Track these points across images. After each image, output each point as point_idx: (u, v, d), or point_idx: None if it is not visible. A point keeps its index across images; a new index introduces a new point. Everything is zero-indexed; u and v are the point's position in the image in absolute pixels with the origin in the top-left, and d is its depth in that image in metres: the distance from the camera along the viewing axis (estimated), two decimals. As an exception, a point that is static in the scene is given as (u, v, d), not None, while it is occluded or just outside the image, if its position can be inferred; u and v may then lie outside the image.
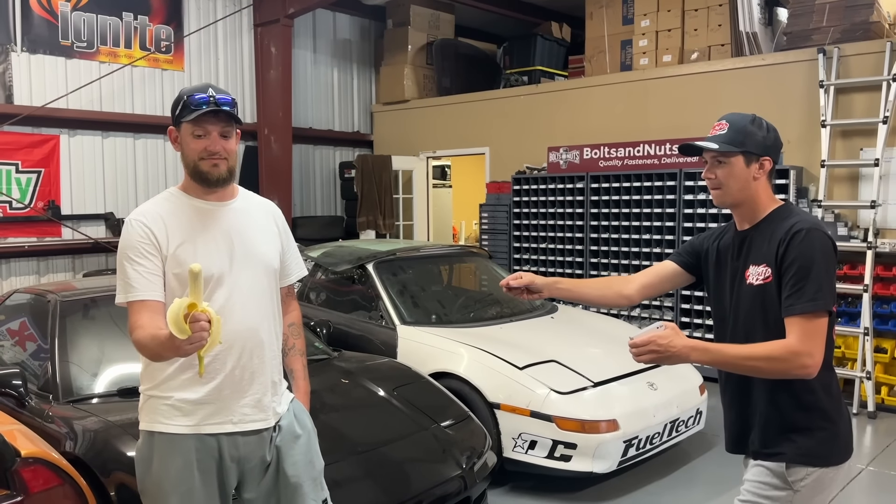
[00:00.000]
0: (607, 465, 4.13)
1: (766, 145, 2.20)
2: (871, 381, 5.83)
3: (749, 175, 2.18)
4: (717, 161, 2.20)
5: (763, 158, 2.19)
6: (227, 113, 2.20)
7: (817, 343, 2.00)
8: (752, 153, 2.17)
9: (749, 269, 2.18)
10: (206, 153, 2.21)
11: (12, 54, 7.06)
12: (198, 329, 1.83)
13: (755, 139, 2.18)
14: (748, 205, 2.22)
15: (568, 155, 7.78)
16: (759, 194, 2.21)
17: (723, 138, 2.18)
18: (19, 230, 7.19)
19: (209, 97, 2.18)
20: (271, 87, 8.70)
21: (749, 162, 2.18)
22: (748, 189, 2.19)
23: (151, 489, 2.22)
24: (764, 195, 2.22)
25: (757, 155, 2.18)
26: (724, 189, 2.20)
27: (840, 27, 6.49)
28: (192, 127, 2.19)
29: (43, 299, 4.02)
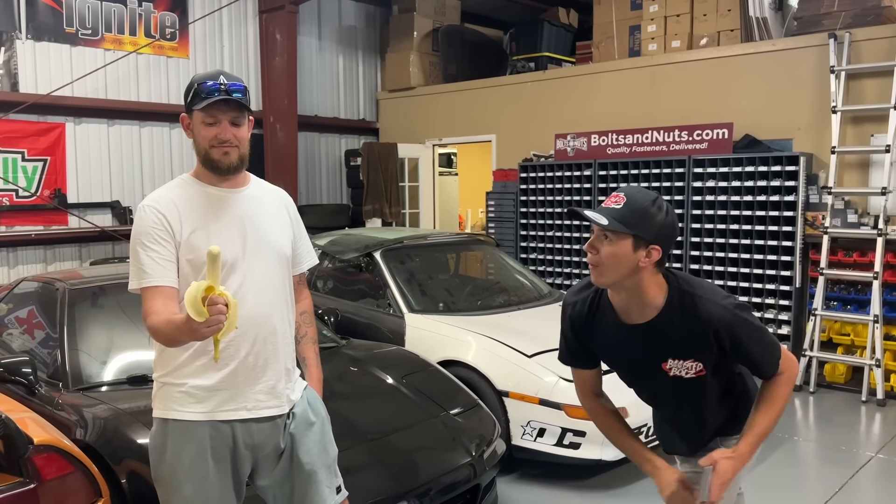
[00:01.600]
0: (616, 453, 4.11)
1: (661, 234, 2.01)
2: (881, 369, 5.81)
3: (634, 261, 1.99)
4: (604, 235, 2.01)
5: (652, 247, 1.99)
6: (237, 101, 2.18)
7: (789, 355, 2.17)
8: (641, 238, 1.98)
9: (668, 362, 2.13)
10: (217, 141, 2.20)
11: (17, 42, 7.04)
12: (215, 312, 1.83)
13: (650, 224, 1.99)
14: (632, 292, 2.06)
15: (575, 142, 7.74)
16: (643, 283, 2.03)
17: (615, 214, 1.99)
18: (26, 219, 7.19)
19: (220, 85, 2.17)
20: (276, 74, 8.66)
21: (637, 247, 1.99)
22: (631, 276, 2.02)
23: (165, 476, 2.22)
24: (650, 284, 2.05)
25: (647, 242, 1.99)
26: (602, 268, 2.02)
27: (851, 12, 6.42)
28: (202, 115, 2.19)
29: (51, 287, 4.02)
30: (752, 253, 6.53)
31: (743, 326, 2.05)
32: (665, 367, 2.13)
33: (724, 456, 2.06)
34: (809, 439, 5.18)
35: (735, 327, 2.04)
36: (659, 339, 2.10)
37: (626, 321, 2.12)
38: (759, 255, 6.49)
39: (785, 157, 6.36)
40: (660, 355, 2.13)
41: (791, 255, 6.34)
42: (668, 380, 2.15)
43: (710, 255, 6.79)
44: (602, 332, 2.19)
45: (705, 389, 2.17)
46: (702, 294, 2.05)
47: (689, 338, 2.06)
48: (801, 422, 5.65)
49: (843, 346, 6.23)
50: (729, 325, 2.03)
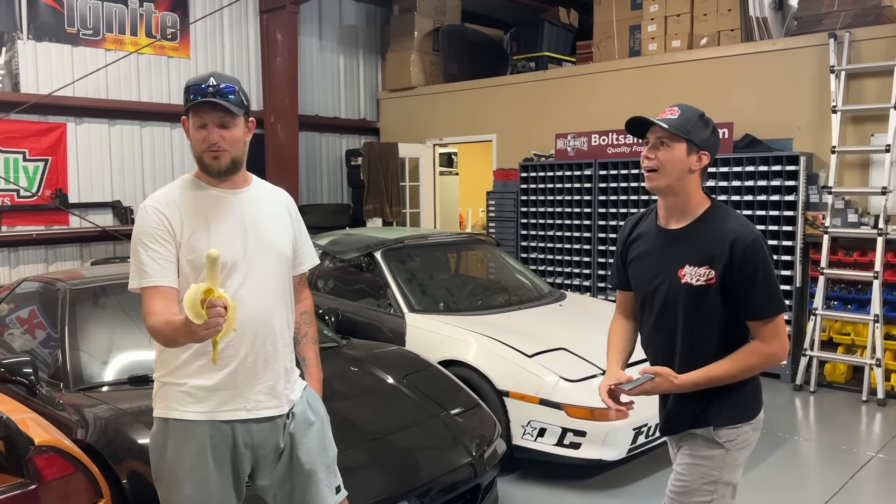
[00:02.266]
0: (617, 453, 4.13)
1: (709, 143, 2.26)
2: (881, 369, 5.81)
3: (687, 164, 2.24)
4: (661, 142, 2.25)
5: (702, 152, 2.25)
6: (222, 104, 2.16)
7: (784, 337, 2.23)
8: (694, 143, 2.23)
9: (685, 268, 2.26)
10: (206, 145, 2.20)
11: (18, 42, 7.05)
12: (214, 314, 1.83)
13: (701, 133, 2.25)
14: (680, 197, 2.28)
15: (576, 142, 7.75)
16: (691, 188, 2.27)
17: (673, 122, 2.24)
18: (27, 218, 7.20)
19: (207, 87, 2.15)
20: (277, 74, 8.66)
21: (690, 152, 2.24)
22: (683, 179, 2.25)
23: (166, 476, 2.23)
24: (696, 191, 2.29)
25: (698, 147, 2.24)
26: (661, 172, 2.26)
27: (851, 12, 6.42)
28: (194, 118, 2.19)
29: (52, 287, 4.03)
30: (752, 252, 6.52)
31: (758, 254, 2.18)
32: (681, 272, 2.26)
33: (668, 375, 2.19)
34: (810, 439, 5.19)
35: (751, 250, 2.17)
36: (686, 245, 2.27)
37: (665, 226, 2.34)
38: (760, 255, 6.47)
39: (785, 157, 6.36)
40: (681, 260, 2.27)
41: (791, 255, 6.34)
42: (679, 288, 2.26)
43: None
44: (641, 241, 2.42)
45: (707, 302, 2.22)
46: (735, 215, 2.28)
47: (710, 245, 2.21)
48: (801, 421, 5.65)
49: (844, 345, 6.23)
50: (746, 244, 2.17)
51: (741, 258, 2.16)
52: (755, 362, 2.20)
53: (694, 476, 2.29)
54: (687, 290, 2.25)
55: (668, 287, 2.29)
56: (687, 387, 2.21)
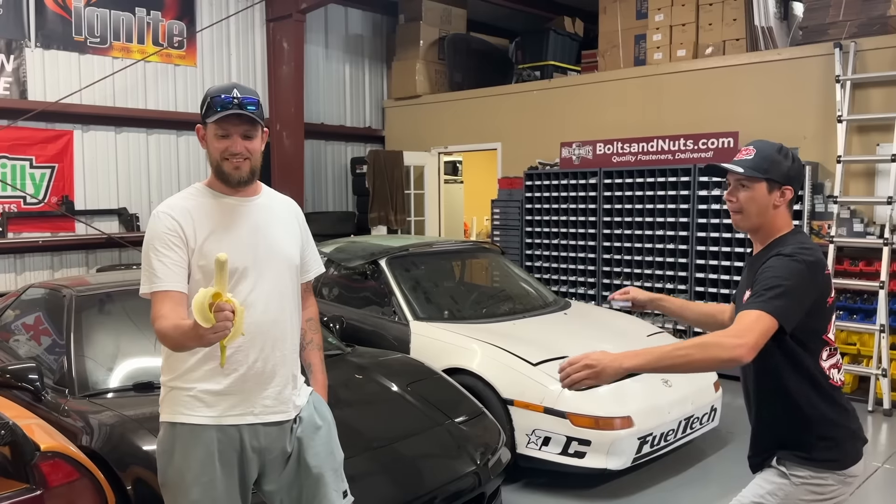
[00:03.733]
0: (621, 462, 4.12)
1: (790, 175, 2.24)
2: (887, 379, 5.79)
3: (770, 202, 2.23)
4: (741, 185, 2.24)
5: (785, 187, 2.23)
6: (249, 115, 2.21)
7: (754, 337, 1.96)
8: (775, 181, 2.22)
9: (746, 293, 2.22)
10: (229, 153, 2.24)
11: (26, 50, 7.09)
12: (222, 318, 1.85)
13: (780, 168, 2.22)
14: (765, 230, 2.27)
15: (581, 150, 7.75)
16: (776, 222, 2.26)
17: (749, 163, 2.22)
18: (33, 225, 7.22)
19: (233, 98, 2.19)
20: (283, 82, 8.70)
21: (772, 189, 2.22)
22: (767, 215, 2.24)
23: (173, 481, 2.23)
24: (782, 223, 2.27)
25: (780, 183, 2.22)
26: (745, 213, 2.26)
27: (857, 21, 6.42)
28: (215, 127, 2.22)
29: (58, 294, 4.04)
30: (757, 262, 6.51)
31: (780, 262, 2.11)
32: (745, 298, 2.22)
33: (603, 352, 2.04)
34: (815, 449, 5.16)
35: (776, 258, 2.13)
36: (752, 270, 2.27)
37: (755, 252, 2.35)
38: (765, 264, 6.47)
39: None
40: (746, 284, 2.27)
41: (797, 264, 6.31)
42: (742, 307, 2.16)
43: (715, 263, 6.78)
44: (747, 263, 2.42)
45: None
46: (798, 239, 2.23)
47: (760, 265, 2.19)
48: (807, 431, 5.62)
49: (850, 355, 6.21)
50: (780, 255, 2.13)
51: (764, 264, 2.14)
52: (709, 340, 1.97)
53: (748, 492, 2.23)
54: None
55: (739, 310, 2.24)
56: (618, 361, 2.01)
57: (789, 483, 2.13)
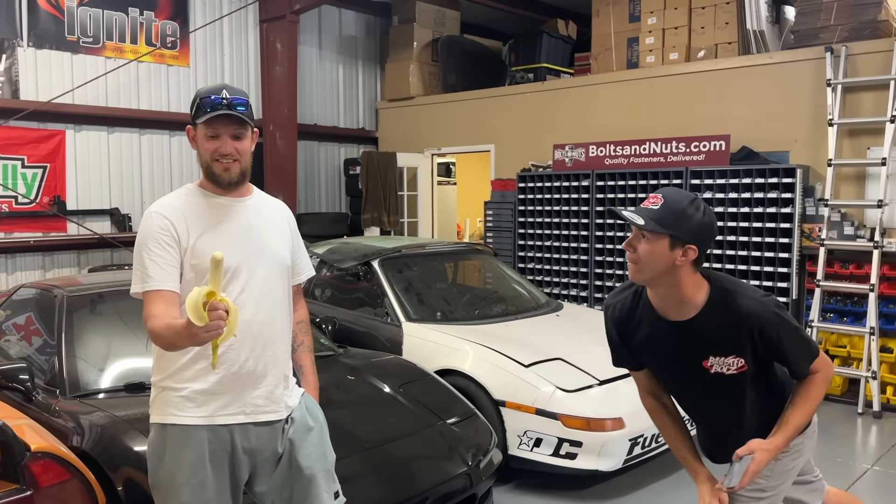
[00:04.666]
0: (613, 464, 4.13)
1: (698, 233, 2.10)
2: (877, 381, 5.82)
3: (671, 259, 2.08)
4: (642, 235, 2.10)
5: (689, 246, 2.08)
6: (239, 115, 2.22)
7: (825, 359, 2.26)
8: (678, 238, 2.07)
9: (709, 359, 2.19)
10: (218, 154, 2.24)
11: (18, 49, 7.06)
12: (215, 317, 1.85)
13: (687, 224, 2.08)
14: (671, 289, 2.14)
15: (574, 153, 7.77)
16: (681, 282, 2.13)
17: (652, 214, 2.08)
18: (25, 225, 7.19)
19: (222, 99, 2.20)
20: (277, 83, 8.69)
21: (674, 246, 2.08)
22: (668, 274, 2.11)
23: (163, 482, 2.23)
24: (689, 283, 2.14)
25: (683, 241, 2.08)
26: (640, 266, 2.12)
27: (848, 26, 6.46)
28: (205, 128, 2.23)
29: (50, 294, 4.03)
30: (748, 264, 6.55)
31: (781, 325, 2.13)
32: (706, 364, 2.18)
33: (762, 447, 2.14)
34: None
35: (774, 325, 2.12)
36: (700, 337, 2.16)
37: (666, 318, 2.19)
38: (756, 267, 6.51)
39: (782, 170, 6.39)
40: (701, 352, 2.19)
41: (788, 267, 6.36)
42: (709, 377, 2.20)
43: (706, 265, 6.78)
44: (643, 331, 2.27)
45: (746, 387, 2.23)
46: (742, 291, 2.15)
47: (729, 335, 2.14)
48: (797, 433, 5.65)
49: (840, 357, 6.24)
50: (768, 322, 2.11)
51: (769, 339, 2.14)
52: (821, 391, 2.24)
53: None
54: (720, 379, 2.21)
55: (698, 376, 2.23)
56: (782, 444, 2.21)
57: (774, 461, 2.27)
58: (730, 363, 2.16)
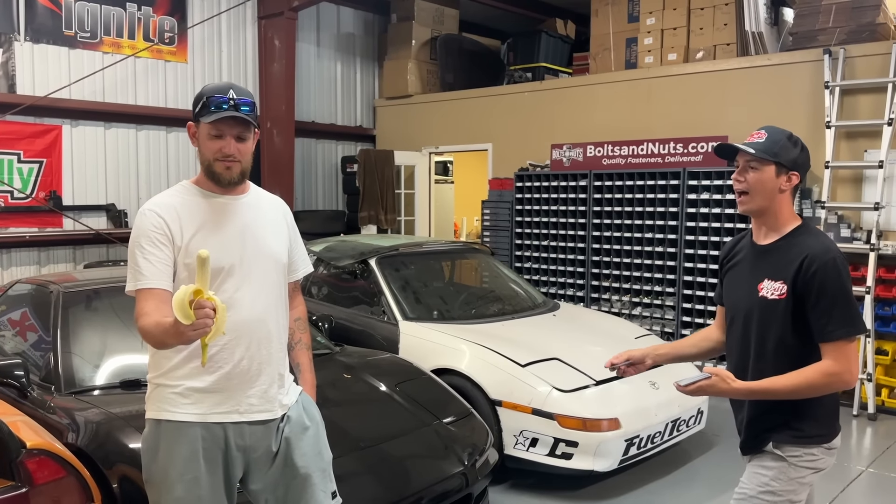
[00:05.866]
0: (608, 464, 4.13)
1: (798, 162, 2.31)
2: (872, 383, 5.84)
3: (776, 186, 2.30)
4: (750, 166, 2.31)
5: (792, 173, 2.30)
6: (244, 117, 2.21)
7: (853, 360, 2.20)
8: (783, 165, 2.29)
9: (764, 282, 2.30)
10: (221, 155, 2.23)
11: (15, 44, 7.03)
12: (202, 316, 1.84)
13: (789, 154, 2.29)
14: (770, 215, 2.34)
15: (571, 152, 7.77)
16: (781, 207, 2.33)
17: (760, 146, 2.30)
18: (20, 220, 7.16)
19: (229, 99, 2.19)
20: (274, 80, 8.67)
21: (779, 173, 2.29)
22: (773, 199, 2.31)
23: (157, 478, 2.23)
24: (786, 209, 2.34)
25: (787, 168, 2.29)
26: (751, 195, 2.32)
27: (846, 28, 6.47)
28: (209, 127, 2.22)
29: (45, 290, 4.01)
30: (745, 266, 6.54)
31: (831, 273, 2.18)
32: (760, 286, 2.31)
33: (724, 376, 2.19)
34: (800, 452, 5.19)
35: (822, 270, 2.18)
36: (769, 260, 2.32)
37: (757, 242, 2.39)
38: (753, 268, 6.50)
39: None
40: (762, 274, 2.32)
41: (784, 269, 6.35)
42: (756, 301, 2.31)
43: (703, 266, 6.81)
44: (737, 256, 2.48)
45: (779, 320, 2.25)
46: (818, 234, 2.31)
47: (789, 261, 2.25)
48: (792, 435, 5.65)
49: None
50: (818, 264, 2.18)
51: (811, 277, 2.19)
52: (817, 381, 2.17)
53: (751, 483, 2.32)
54: (762, 304, 2.29)
55: (748, 299, 2.35)
56: (742, 392, 2.24)
57: (787, 465, 2.27)
58: (776, 287, 2.26)
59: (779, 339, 2.27)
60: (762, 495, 2.28)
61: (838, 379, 2.17)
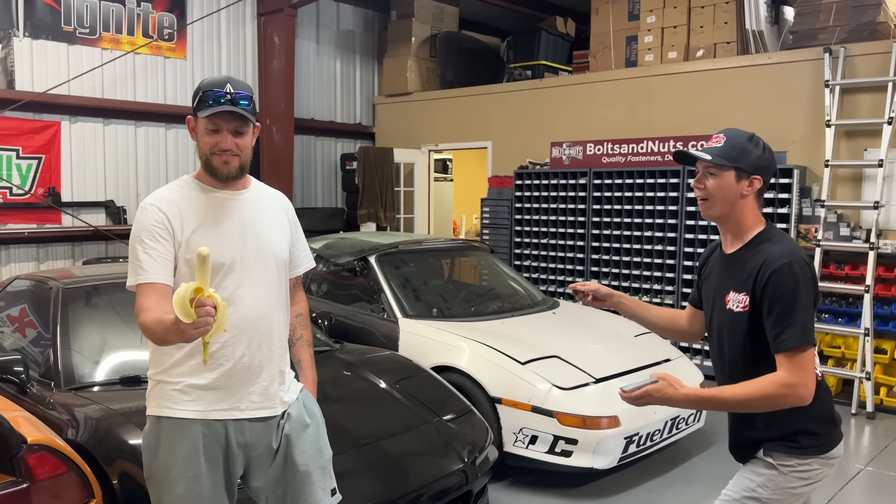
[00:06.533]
0: (608, 462, 4.14)
1: (760, 165, 2.22)
2: (871, 382, 5.84)
3: (737, 191, 2.21)
4: (709, 172, 2.23)
5: (753, 177, 2.21)
6: (241, 112, 2.19)
7: (809, 372, 2.10)
8: (743, 170, 2.20)
9: (730, 294, 2.24)
10: (218, 149, 2.22)
11: (14, 39, 7.02)
12: (203, 314, 1.83)
13: (750, 157, 2.21)
14: (732, 222, 2.27)
15: (571, 150, 7.77)
16: (745, 213, 2.25)
17: (717, 151, 2.21)
18: (19, 216, 7.15)
19: (225, 93, 2.17)
20: (274, 77, 8.66)
21: (740, 178, 2.21)
22: (735, 205, 2.23)
23: (158, 475, 2.22)
24: (750, 214, 2.26)
25: (748, 173, 2.21)
26: (711, 201, 2.25)
27: (847, 27, 6.47)
28: (206, 122, 2.20)
29: (45, 286, 4.01)
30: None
31: (784, 279, 2.09)
32: (727, 298, 2.25)
33: (671, 381, 2.13)
34: (799, 451, 5.20)
35: (776, 274, 2.10)
36: (732, 270, 2.26)
37: (724, 250, 2.34)
38: (752, 267, 6.51)
39: (779, 170, 6.39)
40: (728, 286, 2.26)
41: (783, 267, 6.36)
42: (724, 313, 2.26)
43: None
44: (707, 267, 2.45)
45: (744, 329, 2.19)
46: (779, 241, 2.21)
47: (749, 271, 2.18)
48: (791, 433, 5.66)
49: (834, 358, 6.26)
50: (773, 269, 2.11)
51: (765, 284, 2.11)
52: (770, 392, 2.07)
53: (737, 487, 2.26)
54: (730, 317, 2.24)
55: (719, 312, 2.30)
56: (691, 399, 2.16)
57: (778, 473, 2.20)
58: (739, 300, 2.20)
59: (749, 353, 2.20)
60: (745, 500, 2.22)
61: (792, 392, 2.07)
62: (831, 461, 2.23)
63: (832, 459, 2.23)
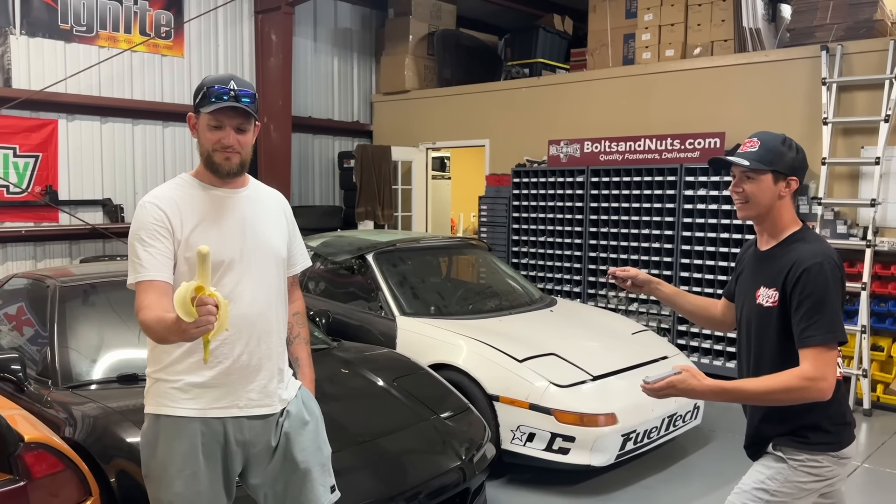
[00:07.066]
0: (605, 459, 4.15)
1: (795, 166, 2.29)
2: (868, 379, 5.86)
3: (776, 192, 2.28)
4: (746, 176, 2.29)
5: (790, 178, 2.28)
6: (244, 108, 2.20)
7: (830, 368, 2.14)
8: (780, 172, 2.27)
9: (760, 289, 2.30)
10: (220, 146, 2.22)
11: (11, 37, 7.00)
12: (205, 313, 1.82)
13: (785, 159, 2.27)
14: (770, 221, 2.33)
15: (569, 148, 7.77)
16: (781, 213, 2.31)
17: (753, 156, 2.28)
18: (16, 215, 7.14)
19: (229, 90, 2.18)
20: (271, 74, 8.65)
21: (777, 180, 2.28)
22: (773, 206, 2.30)
23: (156, 473, 2.23)
24: (786, 214, 2.32)
25: (785, 175, 2.27)
26: (751, 203, 2.31)
27: (844, 25, 6.48)
28: (208, 118, 2.21)
29: (42, 284, 4.00)
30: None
31: (815, 278, 2.15)
32: (757, 293, 2.31)
33: (694, 374, 2.17)
34: (796, 448, 5.21)
35: (808, 272, 2.16)
36: (766, 267, 2.32)
37: (759, 247, 2.40)
38: (749, 264, 6.51)
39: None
40: (759, 281, 2.32)
41: (781, 265, 6.37)
42: (753, 307, 2.32)
43: (700, 262, 6.82)
44: (744, 261, 2.50)
45: (772, 324, 2.25)
46: (812, 241, 2.27)
47: (780, 268, 2.24)
48: (788, 430, 5.67)
49: (831, 355, 6.26)
50: (805, 267, 2.16)
51: (796, 281, 2.17)
52: (792, 385, 2.11)
53: (749, 479, 2.31)
54: (758, 311, 2.30)
55: (749, 306, 2.35)
56: (713, 391, 2.18)
57: (787, 466, 2.24)
58: (769, 295, 2.26)
59: (775, 347, 2.25)
60: (755, 491, 2.27)
61: (813, 385, 2.10)
62: (843, 460, 2.26)
63: (844, 459, 2.26)
